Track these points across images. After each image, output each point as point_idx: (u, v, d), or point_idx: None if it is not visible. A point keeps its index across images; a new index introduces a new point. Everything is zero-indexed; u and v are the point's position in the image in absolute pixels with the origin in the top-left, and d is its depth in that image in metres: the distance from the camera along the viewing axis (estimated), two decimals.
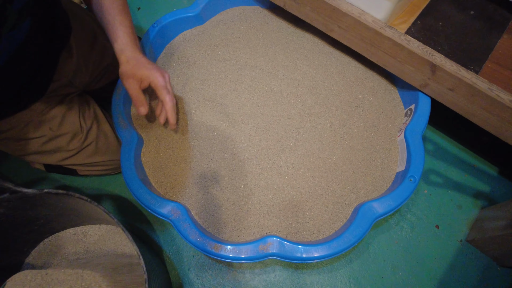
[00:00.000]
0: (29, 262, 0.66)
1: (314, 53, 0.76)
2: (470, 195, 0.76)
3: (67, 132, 0.64)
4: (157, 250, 0.72)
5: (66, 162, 0.68)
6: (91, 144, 0.68)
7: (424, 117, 0.63)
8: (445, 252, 0.71)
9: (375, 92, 0.71)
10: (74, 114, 0.66)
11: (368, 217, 0.56)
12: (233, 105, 0.70)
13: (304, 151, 0.65)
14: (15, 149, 0.63)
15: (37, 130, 0.61)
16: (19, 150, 0.63)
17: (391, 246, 0.71)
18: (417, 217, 0.74)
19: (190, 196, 0.62)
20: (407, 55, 0.60)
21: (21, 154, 0.64)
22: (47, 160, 0.66)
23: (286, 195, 0.61)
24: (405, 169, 0.61)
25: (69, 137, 0.65)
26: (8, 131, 0.59)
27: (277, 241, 0.54)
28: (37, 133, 0.61)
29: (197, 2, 0.79)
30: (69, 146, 0.65)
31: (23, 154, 0.64)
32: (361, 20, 0.61)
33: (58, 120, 0.63)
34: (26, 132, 0.60)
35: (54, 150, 0.65)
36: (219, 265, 0.70)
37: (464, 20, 0.65)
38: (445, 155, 0.80)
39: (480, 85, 0.55)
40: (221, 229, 0.59)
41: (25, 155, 0.65)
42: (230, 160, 0.64)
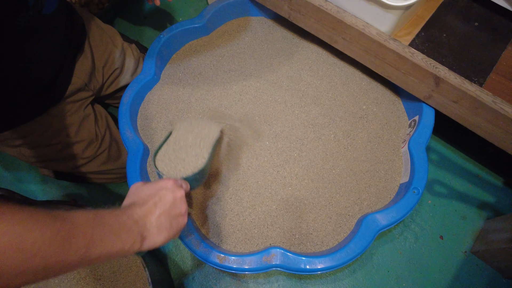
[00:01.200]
0: None
1: (318, 64, 0.76)
2: (474, 205, 0.76)
3: (83, 139, 0.66)
4: (162, 258, 0.73)
5: (79, 170, 0.69)
6: (104, 152, 0.69)
7: (428, 128, 0.64)
8: (450, 263, 0.70)
9: (379, 103, 0.71)
10: (91, 122, 0.68)
11: (371, 228, 0.56)
12: (237, 115, 0.70)
13: (308, 162, 0.65)
14: (30, 156, 0.64)
15: (55, 136, 0.62)
16: (34, 157, 0.64)
17: (395, 256, 0.71)
18: (421, 227, 0.74)
19: (194, 206, 0.62)
20: (411, 68, 0.60)
21: (35, 161, 0.65)
22: (61, 168, 0.67)
23: (290, 206, 0.62)
24: (408, 180, 0.61)
25: (85, 145, 0.66)
26: (27, 136, 0.60)
27: (281, 253, 0.54)
28: (54, 139, 0.63)
29: (203, 13, 0.80)
30: (84, 154, 0.67)
31: (37, 161, 0.65)
32: (365, 32, 0.61)
33: (75, 127, 0.64)
34: (44, 138, 0.61)
35: (69, 157, 0.66)
36: (223, 274, 0.70)
37: (469, 31, 0.65)
38: (449, 165, 0.80)
39: (484, 98, 0.55)
40: (225, 240, 0.59)
41: (39, 162, 0.66)
42: (234, 171, 0.65)
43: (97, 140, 0.68)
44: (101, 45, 0.71)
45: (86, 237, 0.33)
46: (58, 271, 0.32)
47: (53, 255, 0.30)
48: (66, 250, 0.32)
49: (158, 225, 0.41)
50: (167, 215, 0.43)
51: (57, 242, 0.31)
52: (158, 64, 0.76)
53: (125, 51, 0.77)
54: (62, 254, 0.31)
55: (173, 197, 0.44)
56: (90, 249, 0.34)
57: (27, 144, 0.61)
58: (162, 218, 0.42)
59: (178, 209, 0.44)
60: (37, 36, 0.51)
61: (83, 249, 0.33)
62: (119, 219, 0.38)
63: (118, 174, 0.75)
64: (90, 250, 0.34)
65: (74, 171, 0.69)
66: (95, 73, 0.70)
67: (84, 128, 0.66)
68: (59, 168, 0.68)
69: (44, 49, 0.54)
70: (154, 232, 0.41)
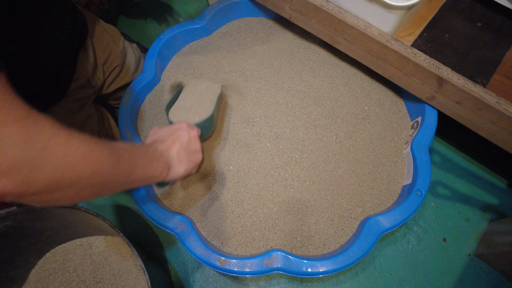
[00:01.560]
0: (36, 272, 0.67)
1: (320, 65, 0.76)
2: (478, 207, 0.75)
3: None
4: (162, 261, 0.72)
5: None
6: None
7: (431, 130, 0.63)
8: (453, 266, 0.70)
9: (381, 104, 0.71)
10: (93, 121, 0.68)
11: (374, 231, 0.55)
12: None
13: (310, 164, 0.65)
14: None
15: None
16: None
17: (397, 259, 0.71)
18: (423, 230, 0.73)
19: (195, 209, 0.62)
20: (414, 68, 0.59)
21: None
22: None
23: (292, 208, 0.61)
24: (411, 182, 0.60)
25: None
26: None
27: (282, 255, 0.53)
28: None
29: (204, 14, 0.80)
30: None
31: None
32: (367, 33, 0.60)
33: (78, 126, 0.64)
34: None
35: None
36: (224, 277, 0.70)
37: (471, 32, 0.64)
38: (452, 167, 0.79)
39: (488, 99, 0.54)
40: (226, 242, 0.59)
41: None
42: (235, 172, 0.64)
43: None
44: (102, 43, 0.70)
45: (130, 161, 0.40)
46: (109, 189, 0.38)
47: (109, 172, 0.36)
48: (117, 169, 0.37)
49: (179, 158, 0.48)
50: (185, 150, 0.49)
51: (111, 162, 0.36)
52: (159, 65, 0.75)
53: (126, 50, 0.77)
54: (115, 173, 0.37)
55: (188, 136, 0.51)
56: (133, 171, 0.40)
57: None
58: (181, 152, 0.49)
59: (193, 146, 0.51)
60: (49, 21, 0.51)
61: (128, 170, 0.39)
62: (149, 150, 0.45)
63: None
64: (133, 172, 0.40)
65: None
66: (96, 70, 0.69)
67: (87, 127, 0.66)
68: None
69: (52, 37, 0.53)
70: (176, 163, 0.48)
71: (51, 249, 0.68)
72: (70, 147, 0.31)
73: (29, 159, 0.28)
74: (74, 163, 0.31)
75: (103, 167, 0.35)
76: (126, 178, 0.39)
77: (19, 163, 0.27)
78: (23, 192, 0.29)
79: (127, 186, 0.41)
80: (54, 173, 0.30)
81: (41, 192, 0.30)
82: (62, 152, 0.30)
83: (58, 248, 0.68)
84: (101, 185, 0.36)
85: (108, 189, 0.38)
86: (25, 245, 0.61)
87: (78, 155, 0.32)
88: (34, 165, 0.28)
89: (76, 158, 0.31)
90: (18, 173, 0.27)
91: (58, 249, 0.68)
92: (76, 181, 0.32)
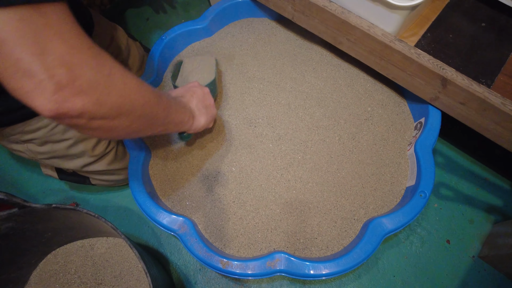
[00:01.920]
0: (37, 274, 0.66)
1: (322, 65, 0.76)
2: (482, 209, 0.74)
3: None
4: (164, 262, 0.72)
5: (87, 169, 0.68)
6: (112, 150, 0.69)
7: (435, 131, 0.62)
8: (457, 268, 0.69)
9: (385, 105, 0.70)
10: None
11: (377, 233, 0.55)
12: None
13: (312, 165, 0.64)
14: (38, 152, 0.63)
15: (66, 132, 0.62)
16: (42, 154, 0.63)
17: (401, 261, 0.70)
18: (427, 231, 0.72)
19: (197, 210, 0.61)
20: (417, 69, 0.59)
21: (43, 158, 0.64)
22: (69, 165, 0.66)
23: (294, 209, 0.61)
24: (415, 184, 0.60)
25: (94, 142, 0.66)
26: (37, 131, 0.59)
27: (285, 257, 0.53)
28: (65, 135, 0.62)
29: (206, 14, 0.79)
30: (94, 151, 0.66)
31: (45, 158, 0.64)
32: (370, 33, 0.60)
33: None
34: (54, 133, 0.60)
35: (78, 154, 0.65)
36: (226, 279, 0.69)
37: (475, 32, 0.64)
38: (456, 168, 0.78)
39: (493, 99, 0.54)
40: (228, 244, 0.58)
41: (47, 159, 0.64)
42: (238, 174, 0.64)
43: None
44: (106, 38, 0.70)
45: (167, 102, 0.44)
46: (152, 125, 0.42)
47: (154, 106, 0.40)
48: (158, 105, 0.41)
49: (198, 110, 0.54)
50: (202, 104, 0.55)
51: (155, 97, 0.40)
52: (160, 66, 0.75)
53: (130, 47, 0.77)
54: (157, 108, 0.41)
55: (202, 92, 0.56)
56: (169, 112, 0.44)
57: (37, 139, 0.60)
58: (199, 105, 0.54)
59: (208, 101, 0.57)
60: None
61: (166, 110, 0.43)
62: (176, 99, 0.49)
63: (122, 175, 0.74)
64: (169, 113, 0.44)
65: (81, 171, 0.68)
66: None
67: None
68: (67, 166, 0.67)
69: None
70: (197, 114, 0.53)
71: (52, 250, 0.67)
72: (127, 77, 0.35)
73: (100, 83, 0.31)
74: (130, 92, 0.35)
75: (150, 100, 0.39)
76: (165, 117, 0.43)
77: (94, 85, 0.30)
78: (94, 113, 0.32)
79: (164, 127, 0.45)
80: (117, 99, 0.33)
81: (106, 117, 0.33)
82: (122, 81, 0.34)
83: (59, 249, 0.68)
84: (148, 118, 0.40)
85: (152, 125, 0.42)
86: (27, 246, 0.61)
87: (133, 85, 0.36)
88: (103, 89, 0.32)
89: (131, 88, 0.35)
90: (94, 93, 0.31)
91: (60, 250, 0.68)
92: (131, 109, 0.36)
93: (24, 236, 0.58)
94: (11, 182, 0.84)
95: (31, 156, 0.63)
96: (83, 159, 0.66)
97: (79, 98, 0.30)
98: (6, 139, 0.60)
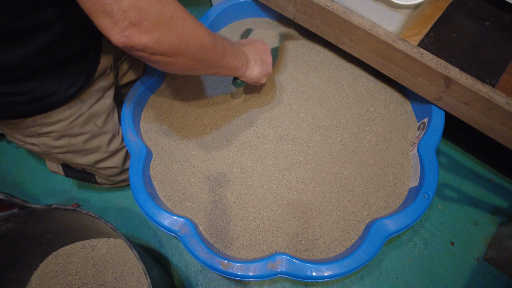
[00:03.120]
0: (38, 275, 0.66)
1: (324, 66, 0.75)
2: (486, 210, 0.73)
3: (109, 131, 0.66)
4: (165, 264, 0.72)
5: (99, 165, 0.68)
6: (124, 147, 0.69)
7: (438, 131, 0.62)
8: (461, 270, 0.68)
9: (387, 105, 0.70)
10: (116, 115, 0.68)
11: (380, 234, 0.54)
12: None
13: (314, 166, 0.64)
14: (53, 146, 0.62)
15: (84, 125, 0.62)
16: (56, 148, 0.62)
17: (404, 263, 0.69)
18: (431, 233, 0.72)
19: (198, 211, 0.61)
20: (420, 69, 0.58)
21: (57, 152, 0.63)
22: (82, 160, 0.66)
23: (296, 211, 0.60)
24: (418, 184, 0.59)
25: (109, 137, 0.66)
26: (56, 123, 0.58)
27: (286, 259, 0.52)
28: (83, 128, 0.62)
29: (208, 15, 0.79)
30: (110, 147, 0.67)
31: (59, 152, 0.63)
32: (373, 33, 0.60)
33: (104, 117, 0.64)
34: (73, 126, 0.60)
35: (93, 149, 0.65)
36: (227, 281, 0.69)
37: (479, 31, 0.63)
38: (459, 169, 0.78)
39: (497, 99, 0.53)
40: (229, 246, 0.58)
41: (61, 153, 0.64)
42: (239, 174, 0.64)
43: (119, 134, 0.69)
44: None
45: (223, 47, 0.48)
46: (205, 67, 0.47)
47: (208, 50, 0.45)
48: (214, 50, 0.46)
49: (254, 60, 0.58)
50: (259, 56, 0.59)
51: (211, 42, 0.45)
52: None
53: None
54: (212, 52, 0.46)
55: (263, 46, 0.61)
56: (223, 57, 0.49)
57: (55, 132, 0.60)
58: (256, 57, 0.58)
59: (266, 56, 0.61)
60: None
61: (221, 53, 0.48)
62: (234, 45, 0.54)
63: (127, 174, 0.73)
64: (223, 57, 0.49)
65: (92, 167, 0.68)
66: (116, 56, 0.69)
67: (110, 119, 0.66)
68: (80, 161, 0.66)
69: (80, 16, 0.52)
70: (252, 63, 0.57)
71: (53, 251, 0.67)
72: (186, 21, 0.41)
73: (162, 25, 0.38)
74: (187, 35, 0.41)
75: (205, 44, 0.44)
76: (218, 61, 0.48)
77: (157, 27, 0.38)
78: (155, 49, 0.39)
79: (217, 70, 0.50)
80: (175, 40, 0.40)
81: (165, 54, 0.40)
82: (181, 24, 0.40)
83: (60, 250, 0.68)
84: (202, 60, 0.45)
85: (205, 66, 0.47)
86: (27, 247, 0.61)
87: (190, 29, 0.41)
88: (164, 30, 0.39)
89: (189, 32, 0.41)
90: (156, 33, 0.38)
91: (60, 251, 0.68)
92: (187, 50, 0.42)
93: (24, 237, 0.57)
94: (13, 183, 0.84)
95: (44, 150, 0.63)
96: (97, 154, 0.66)
97: (144, 35, 0.37)
98: (22, 132, 0.59)
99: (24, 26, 0.44)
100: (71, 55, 0.53)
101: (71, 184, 0.83)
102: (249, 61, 0.56)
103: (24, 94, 0.50)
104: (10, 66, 0.46)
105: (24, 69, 0.48)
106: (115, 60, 0.68)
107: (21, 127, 0.57)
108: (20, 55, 0.46)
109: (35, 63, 0.49)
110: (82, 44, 0.55)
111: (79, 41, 0.53)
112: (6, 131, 0.60)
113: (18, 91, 0.50)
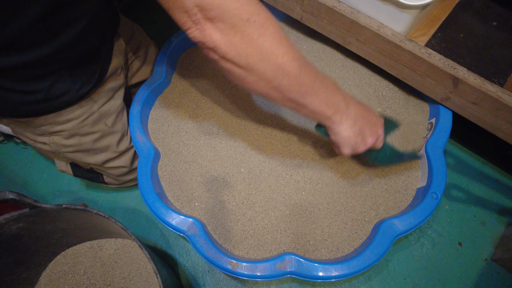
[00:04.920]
0: (46, 274, 0.66)
1: (331, 66, 0.75)
2: (494, 211, 0.73)
3: (118, 130, 0.66)
4: (172, 264, 0.72)
5: (108, 165, 0.68)
6: (132, 147, 0.69)
7: (446, 131, 0.62)
8: (469, 271, 0.68)
9: (394, 105, 0.70)
10: (125, 115, 0.68)
11: (388, 234, 0.54)
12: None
13: (322, 166, 0.64)
14: (62, 145, 0.62)
15: (95, 125, 0.62)
16: (66, 147, 0.62)
17: (411, 263, 0.69)
18: (438, 233, 0.71)
19: (206, 211, 0.61)
20: (428, 69, 0.58)
21: (67, 151, 0.63)
22: (91, 160, 0.66)
23: (304, 211, 0.60)
24: (426, 185, 0.59)
25: (119, 137, 0.66)
26: (67, 122, 0.58)
27: (295, 259, 0.52)
28: (93, 128, 0.62)
29: None
30: (119, 147, 0.67)
31: (69, 152, 0.64)
32: (380, 33, 0.60)
33: (114, 117, 0.64)
34: (84, 125, 0.60)
35: (102, 148, 0.65)
36: (235, 281, 0.69)
37: (487, 31, 0.63)
38: (467, 169, 0.77)
39: (506, 99, 0.53)
40: (237, 246, 0.58)
41: (70, 153, 0.64)
42: (247, 175, 0.64)
43: (127, 134, 0.69)
44: (127, 34, 0.70)
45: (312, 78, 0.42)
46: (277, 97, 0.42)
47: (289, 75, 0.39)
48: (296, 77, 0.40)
49: (354, 121, 0.47)
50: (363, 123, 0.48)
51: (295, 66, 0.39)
52: (169, 67, 0.75)
53: (148, 44, 0.77)
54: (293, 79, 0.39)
55: (377, 119, 0.51)
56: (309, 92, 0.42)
57: (66, 131, 0.60)
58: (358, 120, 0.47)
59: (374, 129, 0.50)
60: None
61: (305, 87, 0.41)
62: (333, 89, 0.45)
63: (135, 174, 0.74)
64: (309, 93, 0.42)
65: (101, 166, 0.68)
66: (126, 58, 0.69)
67: (120, 119, 0.66)
68: (89, 160, 0.66)
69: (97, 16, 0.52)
70: (349, 123, 0.47)
71: (61, 251, 0.67)
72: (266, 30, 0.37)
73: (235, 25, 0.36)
74: (264, 48, 0.37)
75: (285, 66, 0.38)
76: (299, 95, 0.42)
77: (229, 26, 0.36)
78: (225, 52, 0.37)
79: (296, 106, 0.44)
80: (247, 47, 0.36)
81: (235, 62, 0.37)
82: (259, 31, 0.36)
83: (68, 250, 0.68)
84: (276, 86, 0.40)
85: (280, 96, 0.41)
86: (36, 247, 0.61)
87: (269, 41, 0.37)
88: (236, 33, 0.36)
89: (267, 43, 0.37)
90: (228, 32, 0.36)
91: (69, 251, 0.68)
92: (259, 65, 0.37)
93: (34, 237, 0.58)
94: (21, 183, 0.85)
95: (54, 149, 0.63)
96: (107, 154, 0.66)
97: (216, 34, 0.36)
98: (33, 130, 0.59)
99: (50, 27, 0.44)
100: (86, 54, 0.53)
101: (78, 185, 0.83)
102: (345, 115, 0.46)
103: (38, 93, 0.50)
104: (28, 65, 0.46)
105: (41, 67, 0.48)
106: (125, 60, 0.68)
107: (32, 126, 0.57)
108: (40, 55, 0.46)
109: (52, 62, 0.49)
110: (96, 44, 0.55)
111: (94, 40, 0.54)
112: (16, 130, 0.61)
113: (32, 90, 0.50)
